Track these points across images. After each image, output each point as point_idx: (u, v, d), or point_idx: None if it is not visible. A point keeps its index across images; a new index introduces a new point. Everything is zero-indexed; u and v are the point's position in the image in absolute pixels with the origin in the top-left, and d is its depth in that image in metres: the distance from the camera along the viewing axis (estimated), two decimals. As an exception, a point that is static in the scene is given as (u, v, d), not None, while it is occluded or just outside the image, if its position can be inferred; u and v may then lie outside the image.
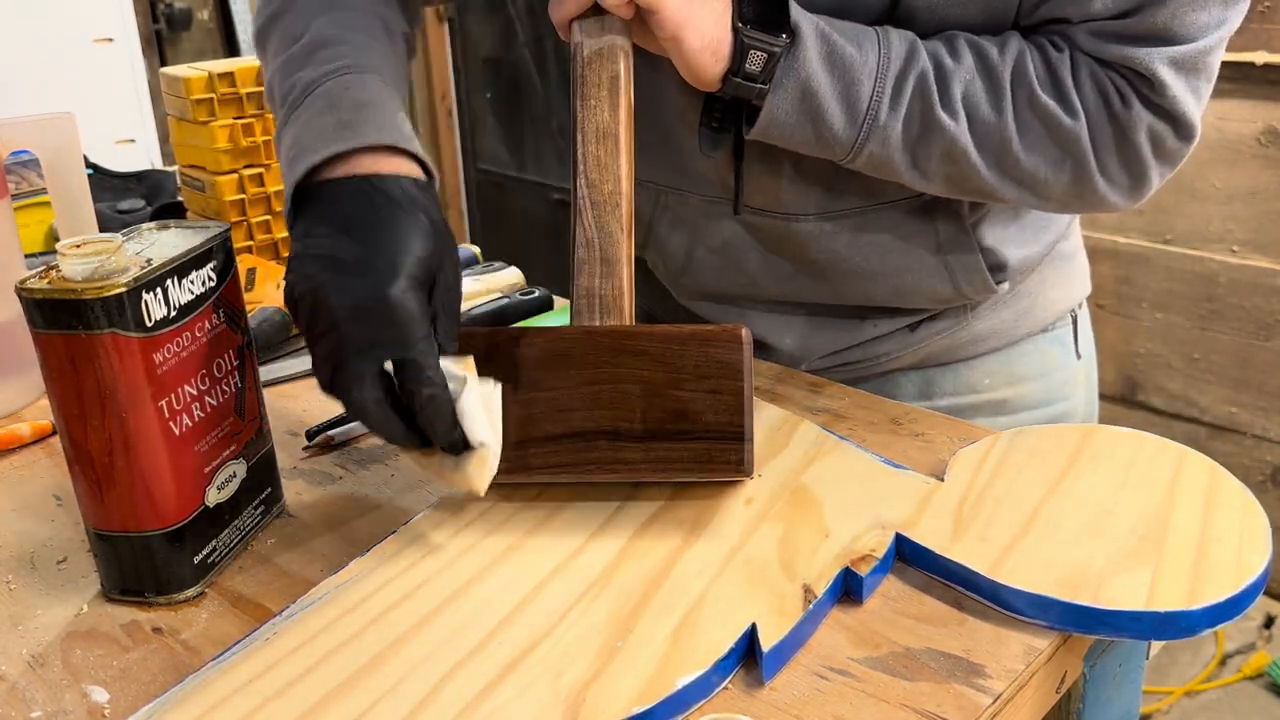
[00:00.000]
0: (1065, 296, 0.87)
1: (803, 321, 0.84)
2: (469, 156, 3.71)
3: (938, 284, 0.79)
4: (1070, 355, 0.89)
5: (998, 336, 0.85)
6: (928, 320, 0.83)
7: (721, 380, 0.58)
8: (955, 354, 0.85)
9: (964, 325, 0.83)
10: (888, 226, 0.77)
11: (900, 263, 0.78)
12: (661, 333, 0.59)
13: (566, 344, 0.60)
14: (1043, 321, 0.86)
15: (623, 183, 0.61)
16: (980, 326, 0.84)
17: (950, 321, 0.83)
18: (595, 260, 0.61)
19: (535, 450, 0.59)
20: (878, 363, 0.85)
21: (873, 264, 0.78)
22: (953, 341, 0.84)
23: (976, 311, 0.83)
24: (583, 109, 0.61)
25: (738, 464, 0.58)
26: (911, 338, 0.84)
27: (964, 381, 0.86)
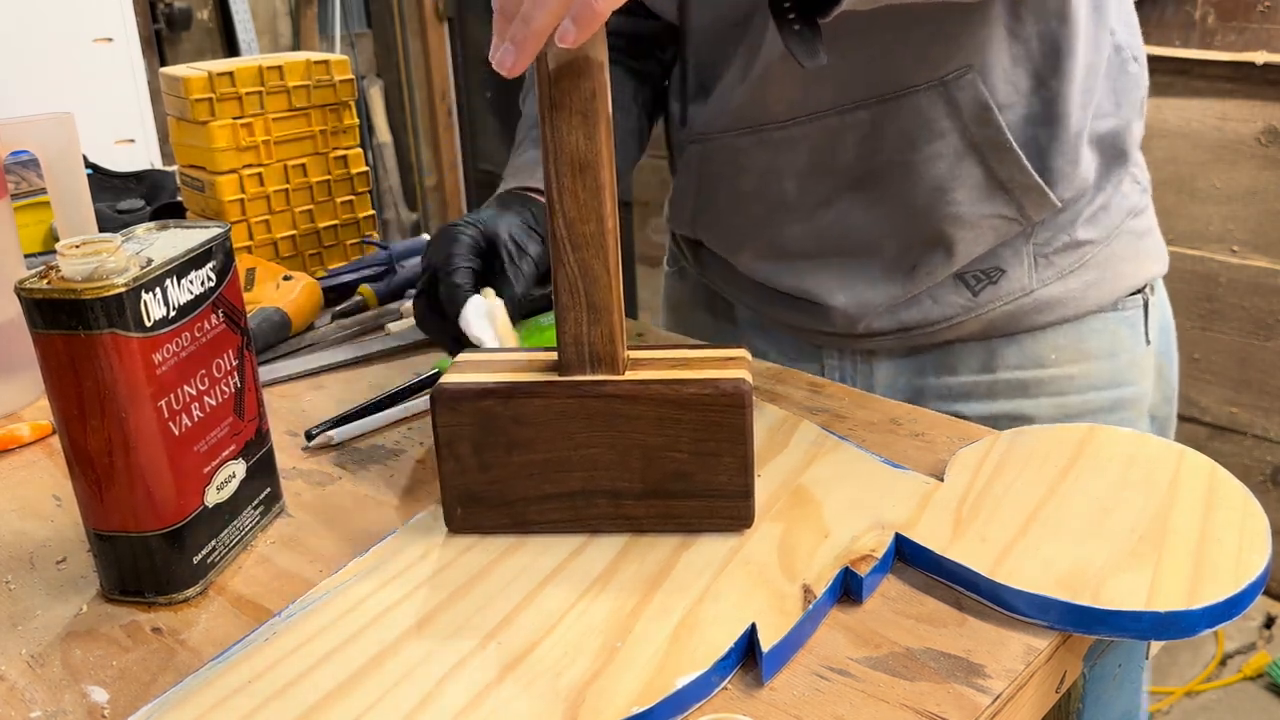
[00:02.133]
0: (1135, 272, 0.85)
1: (854, 273, 0.83)
2: (469, 156, 3.71)
3: (972, 168, 0.78)
4: (1139, 339, 0.86)
5: (1064, 306, 0.83)
6: (990, 284, 0.82)
7: (724, 443, 0.56)
8: (1019, 323, 0.83)
9: (1030, 293, 0.82)
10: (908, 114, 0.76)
11: (930, 149, 0.77)
12: (659, 395, 0.56)
13: (561, 405, 0.57)
14: (1113, 296, 0.84)
15: (606, 220, 0.55)
16: (1046, 294, 0.82)
17: (1016, 286, 0.82)
18: (581, 306, 0.56)
19: (534, 508, 0.59)
20: (937, 329, 0.84)
21: (904, 154, 0.77)
22: (1017, 309, 0.82)
23: (1043, 277, 0.82)
24: (553, 136, 0.54)
25: (741, 519, 0.58)
26: (974, 302, 0.82)
27: (1029, 354, 0.84)
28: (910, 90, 0.76)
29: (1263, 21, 1.95)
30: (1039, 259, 0.82)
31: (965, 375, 0.86)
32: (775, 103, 0.79)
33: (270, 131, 1.03)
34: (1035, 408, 0.85)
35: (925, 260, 0.82)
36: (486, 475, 0.58)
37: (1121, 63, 0.83)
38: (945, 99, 0.76)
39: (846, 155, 0.80)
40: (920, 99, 0.76)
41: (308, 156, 1.06)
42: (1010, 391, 0.86)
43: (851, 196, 0.81)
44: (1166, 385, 0.91)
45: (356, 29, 3.59)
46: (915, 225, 0.81)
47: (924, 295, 0.84)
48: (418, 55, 3.58)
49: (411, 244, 1.11)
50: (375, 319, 0.97)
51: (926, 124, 0.77)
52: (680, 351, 0.60)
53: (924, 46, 0.75)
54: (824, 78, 0.76)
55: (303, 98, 1.04)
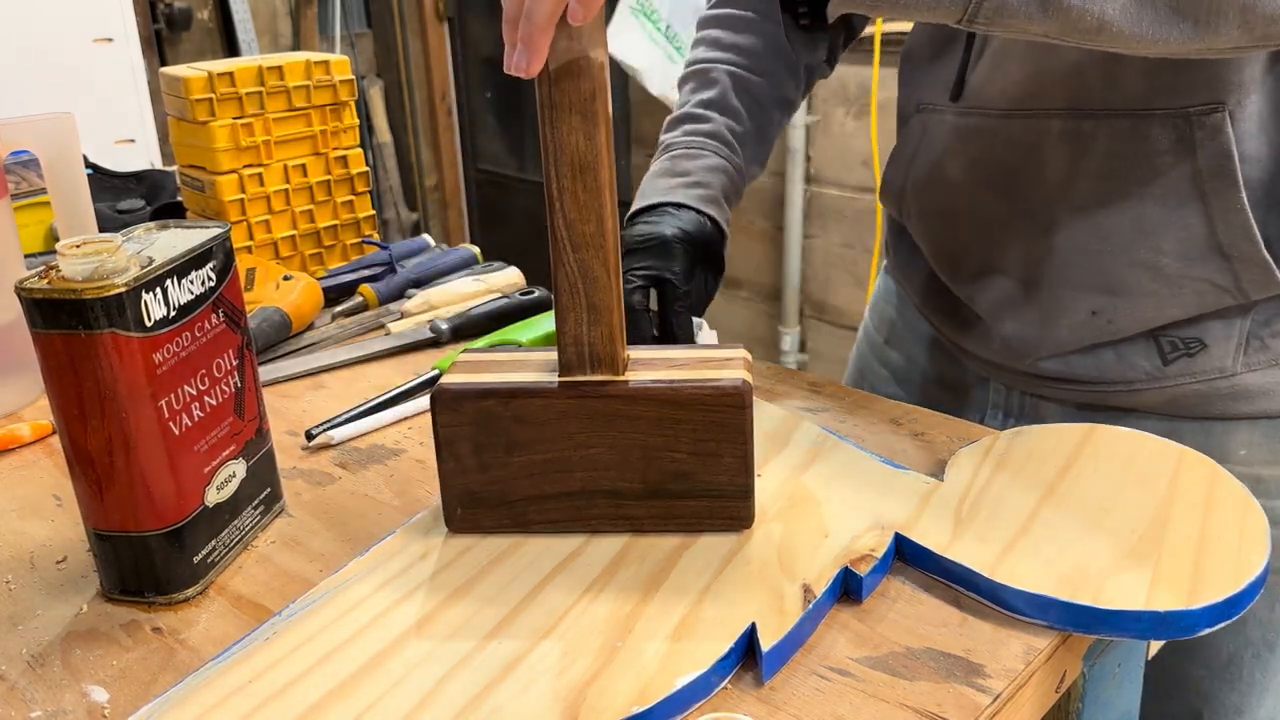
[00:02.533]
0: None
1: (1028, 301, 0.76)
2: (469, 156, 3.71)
3: (1191, 221, 0.68)
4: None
5: (1267, 399, 0.72)
6: (1186, 356, 0.72)
7: (724, 444, 0.56)
8: (1209, 408, 0.73)
9: (1228, 376, 0.72)
10: (1136, 139, 0.68)
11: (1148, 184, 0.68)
12: (659, 395, 0.56)
13: (562, 406, 0.57)
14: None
15: (606, 221, 0.55)
16: (1248, 382, 0.72)
17: (1216, 364, 0.72)
18: (581, 306, 0.56)
19: (534, 508, 0.59)
20: (1114, 391, 0.75)
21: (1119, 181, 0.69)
22: (1210, 390, 0.72)
23: (1252, 361, 0.71)
24: (553, 136, 0.54)
25: (741, 519, 0.58)
26: (1162, 371, 0.73)
27: (1216, 445, 0.73)
28: (1146, 113, 0.68)
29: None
30: (1251, 339, 0.71)
31: None
32: (1002, 88, 0.73)
33: (270, 131, 1.03)
34: None
35: (1107, 308, 0.73)
36: (486, 475, 0.58)
37: None
38: (1182, 134, 0.67)
39: (1058, 164, 0.72)
40: (1154, 125, 0.68)
41: (308, 156, 1.06)
42: None
43: (1048, 214, 0.74)
44: None
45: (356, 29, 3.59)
46: (1107, 264, 0.72)
47: (1106, 349, 0.75)
48: (418, 55, 3.59)
49: (411, 244, 1.11)
50: (375, 319, 0.97)
51: (1153, 155, 0.68)
52: (680, 351, 0.60)
53: (1174, 70, 0.66)
54: (1059, 76, 0.70)
55: (303, 98, 1.04)
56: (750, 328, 2.85)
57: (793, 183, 2.56)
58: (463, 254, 1.08)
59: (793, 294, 2.67)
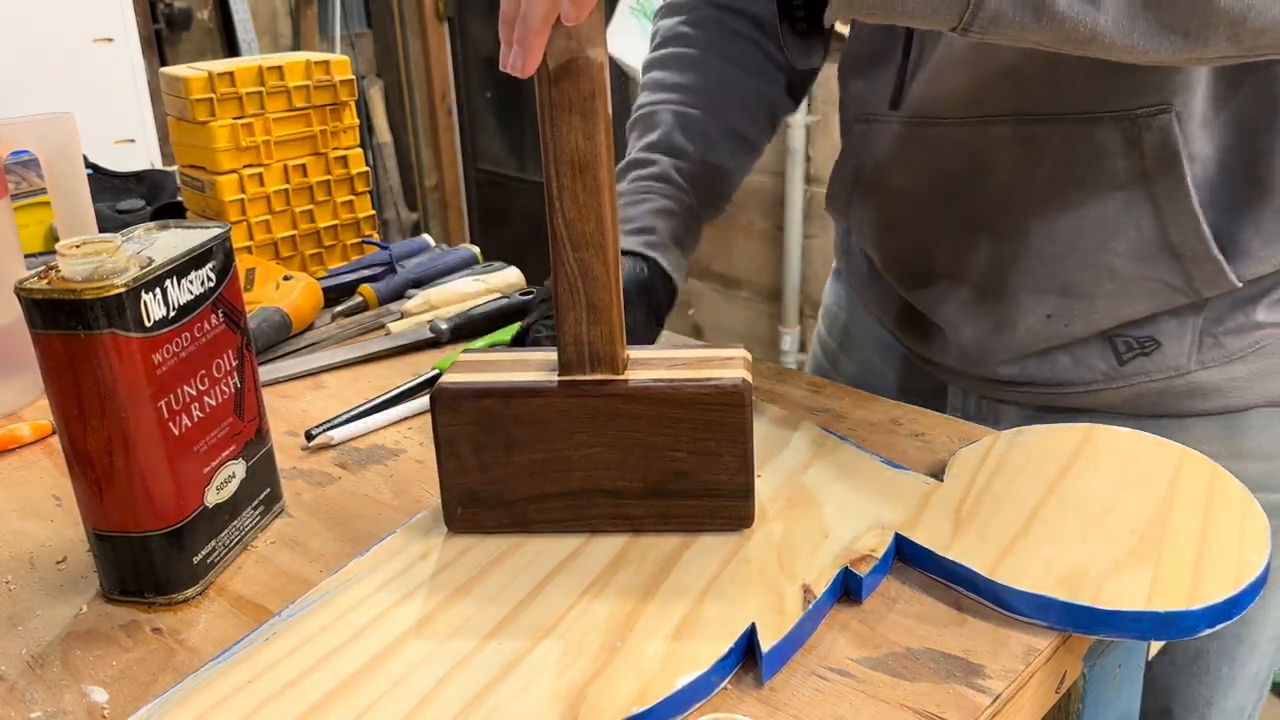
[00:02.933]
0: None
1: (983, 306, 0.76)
2: (469, 156, 3.71)
3: (1141, 220, 0.68)
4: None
5: (1223, 396, 0.72)
6: (1142, 355, 0.72)
7: (723, 443, 0.56)
8: (1167, 406, 0.73)
9: (1183, 374, 0.72)
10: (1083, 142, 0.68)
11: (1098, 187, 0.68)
12: (659, 394, 0.56)
13: (562, 405, 0.57)
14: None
15: (606, 220, 0.55)
16: (1203, 379, 0.72)
17: (1171, 363, 0.72)
18: (580, 306, 0.57)
19: (534, 508, 0.59)
20: (1070, 392, 0.75)
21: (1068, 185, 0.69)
22: (1167, 389, 0.72)
23: (1207, 359, 0.71)
24: (553, 135, 0.54)
25: (741, 519, 0.58)
26: (1119, 371, 0.73)
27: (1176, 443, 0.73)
28: (1092, 116, 0.68)
29: None
30: (1205, 337, 0.71)
31: None
32: (944, 94, 0.73)
33: (270, 131, 1.03)
34: None
35: (1063, 310, 0.73)
36: (486, 475, 0.58)
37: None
38: (1130, 136, 0.67)
39: (1006, 170, 0.72)
40: (1102, 129, 0.68)
41: (308, 156, 1.06)
42: None
43: (998, 219, 0.74)
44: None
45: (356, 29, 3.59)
46: (1060, 267, 0.72)
47: (1061, 351, 0.75)
48: (418, 55, 3.59)
49: (411, 244, 1.11)
50: (375, 319, 0.97)
51: (1101, 158, 0.68)
52: (680, 351, 0.60)
53: (1120, 72, 0.66)
54: (1002, 81, 0.69)
55: (303, 98, 1.04)
56: (750, 328, 2.85)
57: (793, 183, 2.56)
58: (463, 254, 1.08)
59: (793, 294, 2.67)
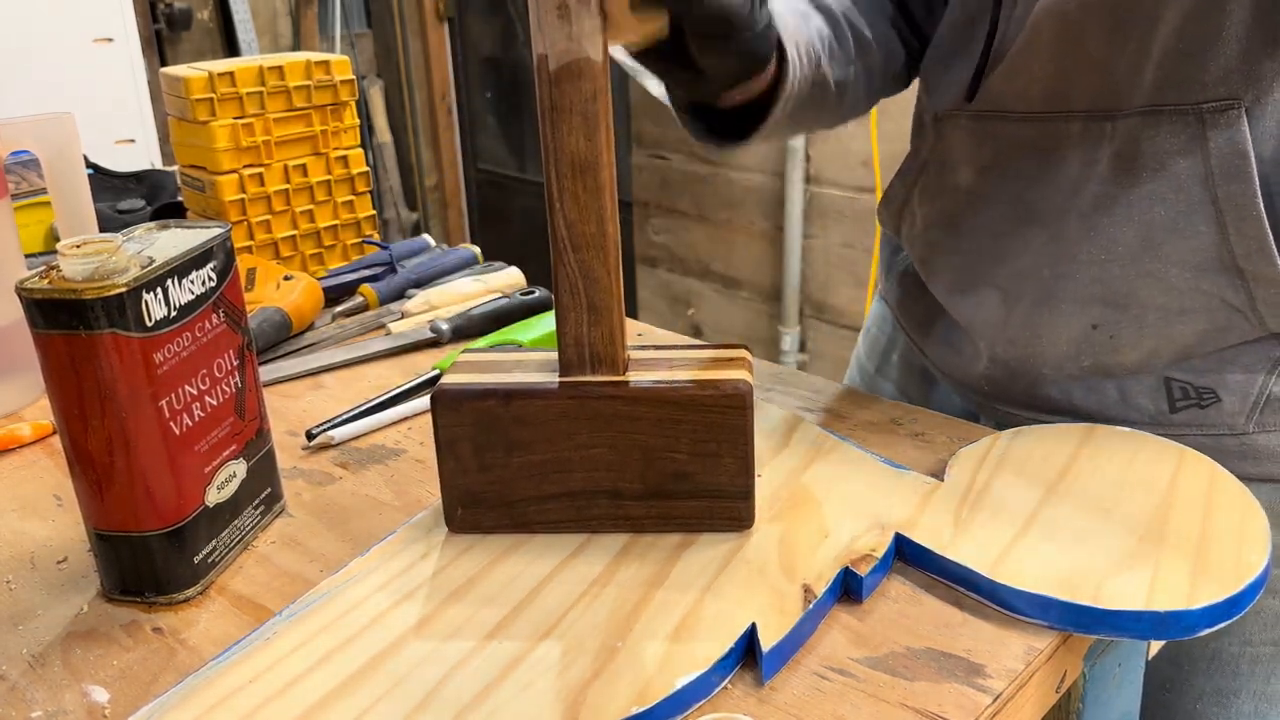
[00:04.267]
0: None
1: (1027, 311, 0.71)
2: (469, 156, 3.71)
3: (1201, 226, 0.63)
4: None
5: (1275, 463, 0.67)
6: (1196, 406, 0.68)
7: (724, 444, 0.56)
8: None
9: (1238, 434, 0.67)
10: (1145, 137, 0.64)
11: (1155, 186, 0.64)
12: (660, 396, 0.56)
13: (562, 406, 0.57)
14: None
15: (606, 222, 0.55)
16: (1260, 443, 0.67)
17: (1228, 419, 0.67)
18: (581, 307, 0.56)
19: (534, 508, 0.59)
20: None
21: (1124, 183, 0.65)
22: (1217, 446, 0.67)
23: (1264, 422, 0.67)
24: (553, 136, 0.54)
25: (741, 520, 0.58)
26: (1168, 418, 0.69)
27: None
28: (1155, 109, 0.63)
29: None
30: (1271, 399, 0.66)
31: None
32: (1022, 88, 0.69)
33: (270, 131, 1.03)
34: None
35: (1109, 321, 0.68)
36: (487, 476, 0.58)
37: None
38: (1194, 132, 0.62)
39: (1070, 170, 0.68)
40: (1164, 123, 0.63)
41: (308, 156, 1.06)
42: None
43: (1053, 222, 0.70)
44: None
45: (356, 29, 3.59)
46: (1111, 275, 0.67)
47: (1110, 384, 0.70)
48: (418, 55, 3.59)
49: (411, 244, 1.11)
50: (375, 319, 0.97)
51: (1162, 156, 0.64)
52: (681, 352, 0.60)
53: (1187, 60, 0.62)
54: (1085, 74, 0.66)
55: (303, 98, 1.04)
56: (750, 328, 2.85)
57: (792, 183, 2.56)
58: (463, 254, 1.08)
59: (793, 294, 2.67)
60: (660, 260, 3.01)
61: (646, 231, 3.00)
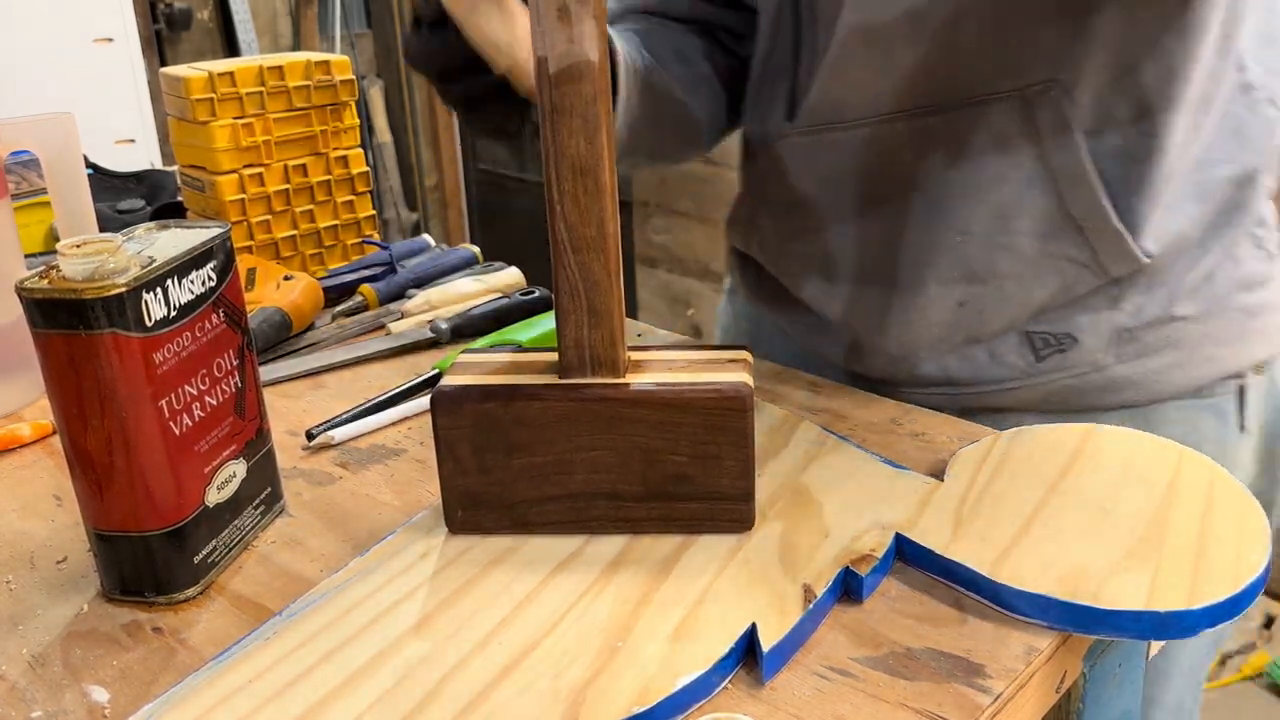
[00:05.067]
0: (1234, 356, 0.74)
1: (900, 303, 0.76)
2: (469, 156, 3.71)
3: (1040, 197, 0.69)
4: (1229, 428, 0.76)
5: (1136, 390, 0.74)
6: (1058, 352, 0.74)
7: (724, 447, 0.56)
8: (1083, 400, 0.75)
9: (1100, 369, 0.74)
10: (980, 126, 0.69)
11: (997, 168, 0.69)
12: (660, 398, 0.56)
13: (562, 408, 0.57)
14: (1196, 382, 0.74)
15: (607, 224, 0.55)
16: (1118, 373, 0.74)
17: (1087, 359, 0.74)
18: (581, 310, 0.56)
19: (534, 510, 0.59)
20: (989, 391, 0.76)
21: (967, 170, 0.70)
22: (1082, 385, 0.74)
23: (1122, 353, 0.73)
24: (554, 139, 0.54)
25: (742, 522, 0.58)
26: (1035, 367, 0.74)
27: None
28: (986, 99, 0.69)
29: None
30: (1123, 332, 0.73)
31: None
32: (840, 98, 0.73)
33: (270, 131, 1.03)
34: None
35: (974, 298, 0.74)
36: (487, 477, 0.58)
37: (1251, 103, 0.73)
38: (1023, 114, 0.68)
39: (907, 164, 0.73)
40: (995, 110, 0.69)
41: (308, 156, 1.06)
42: None
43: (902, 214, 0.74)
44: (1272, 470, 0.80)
45: (356, 29, 3.59)
46: (968, 253, 0.73)
47: (979, 349, 0.76)
48: (418, 55, 3.58)
49: (411, 244, 1.11)
50: (375, 319, 0.97)
51: (998, 139, 0.69)
52: (681, 354, 0.60)
53: (1008, 53, 0.67)
54: (898, 78, 0.70)
55: (303, 98, 1.04)
56: (750, 328, 2.84)
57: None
58: (463, 254, 1.08)
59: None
60: (660, 260, 3.01)
61: (646, 231, 3.00)
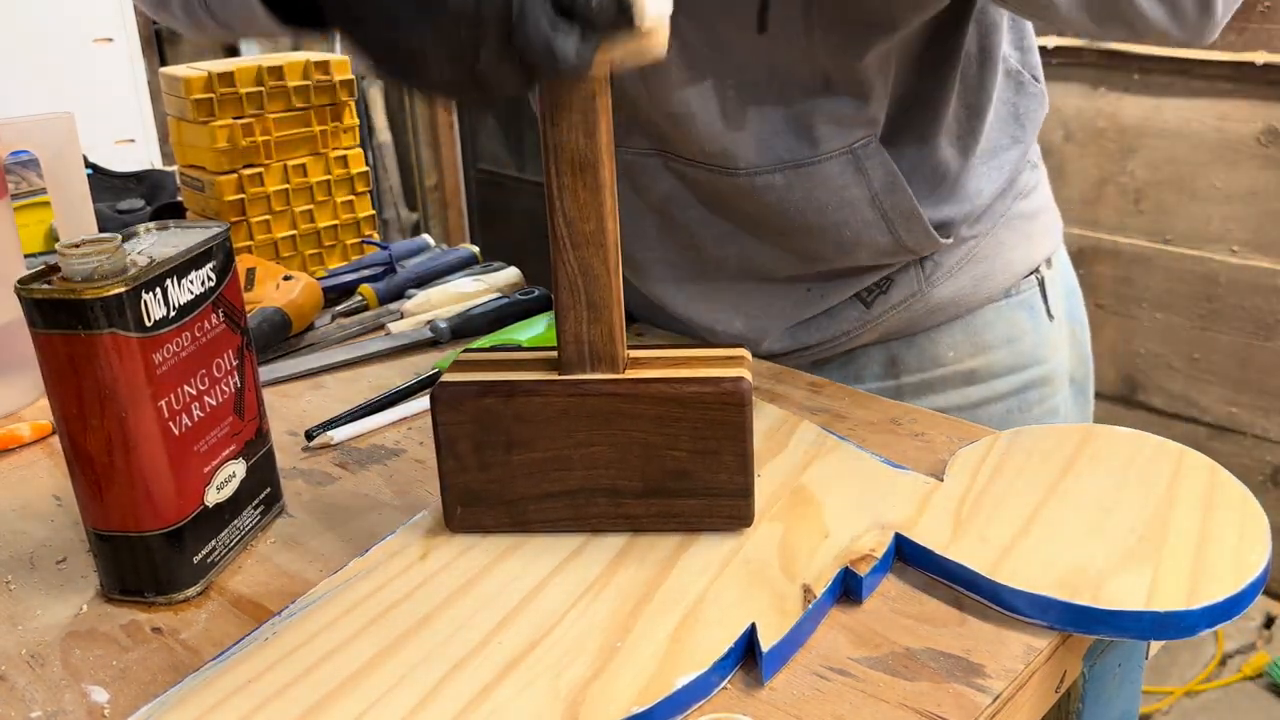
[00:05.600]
0: (1026, 257, 0.85)
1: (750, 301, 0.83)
2: (469, 156, 3.71)
3: (877, 235, 0.78)
4: (1040, 318, 0.86)
5: (956, 305, 0.84)
6: (882, 295, 0.82)
7: (723, 442, 0.56)
8: (915, 326, 0.84)
9: (920, 297, 0.82)
10: (821, 180, 0.76)
11: (838, 215, 0.77)
12: (659, 393, 0.56)
13: (562, 404, 0.57)
14: (1003, 285, 0.84)
15: (606, 219, 0.55)
16: (937, 295, 0.83)
17: (906, 293, 0.82)
18: (581, 305, 0.56)
19: (534, 507, 0.59)
20: (837, 343, 0.84)
21: (810, 219, 0.77)
22: (910, 315, 0.83)
23: (932, 280, 0.82)
24: (553, 135, 0.53)
25: (741, 518, 0.58)
26: (868, 314, 0.83)
27: (927, 355, 0.85)
28: (824, 157, 0.75)
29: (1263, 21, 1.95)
30: (926, 264, 0.82)
31: (870, 383, 0.86)
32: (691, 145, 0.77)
33: (270, 131, 1.03)
34: (943, 404, 0.86)
35: (823, 290, 0.83)
36: (486, 474, 0.58)
37: (1019, 86, 0.83)
38: (855, 166, 0.76)
39: (755, 208, 0.79)
40: (832, 166, 0.76)
41: (308, 156, 1.06)
42: (916, 393, 0.86)
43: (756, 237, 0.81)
44: (1080, 346, 0.91)
45: (356, 29, 3.58)
46: (816, 267, 0.82)
47: (821, 317, 0.84)
48: (418, 55, 3.58)
49: (411, 244, 1.11)
50: (375, 319, 0.97)
51: (837, 190, 0.76)
52: (680, 350, 0.60)
53: (836, 114, 0.74)
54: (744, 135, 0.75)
55: (303, 98, 1.04)
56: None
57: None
58: (463, 254, 1.08)
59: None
60: (660, 260, 3.01)
61: (646, 231, 3.00)
